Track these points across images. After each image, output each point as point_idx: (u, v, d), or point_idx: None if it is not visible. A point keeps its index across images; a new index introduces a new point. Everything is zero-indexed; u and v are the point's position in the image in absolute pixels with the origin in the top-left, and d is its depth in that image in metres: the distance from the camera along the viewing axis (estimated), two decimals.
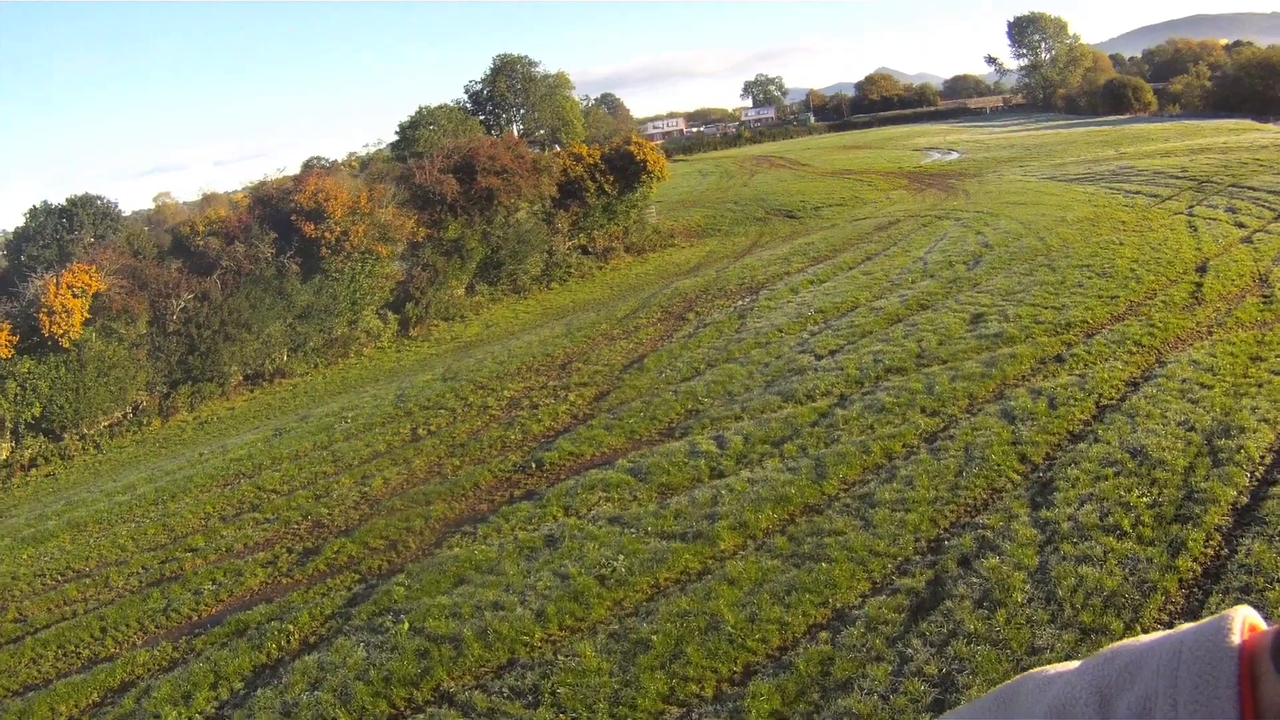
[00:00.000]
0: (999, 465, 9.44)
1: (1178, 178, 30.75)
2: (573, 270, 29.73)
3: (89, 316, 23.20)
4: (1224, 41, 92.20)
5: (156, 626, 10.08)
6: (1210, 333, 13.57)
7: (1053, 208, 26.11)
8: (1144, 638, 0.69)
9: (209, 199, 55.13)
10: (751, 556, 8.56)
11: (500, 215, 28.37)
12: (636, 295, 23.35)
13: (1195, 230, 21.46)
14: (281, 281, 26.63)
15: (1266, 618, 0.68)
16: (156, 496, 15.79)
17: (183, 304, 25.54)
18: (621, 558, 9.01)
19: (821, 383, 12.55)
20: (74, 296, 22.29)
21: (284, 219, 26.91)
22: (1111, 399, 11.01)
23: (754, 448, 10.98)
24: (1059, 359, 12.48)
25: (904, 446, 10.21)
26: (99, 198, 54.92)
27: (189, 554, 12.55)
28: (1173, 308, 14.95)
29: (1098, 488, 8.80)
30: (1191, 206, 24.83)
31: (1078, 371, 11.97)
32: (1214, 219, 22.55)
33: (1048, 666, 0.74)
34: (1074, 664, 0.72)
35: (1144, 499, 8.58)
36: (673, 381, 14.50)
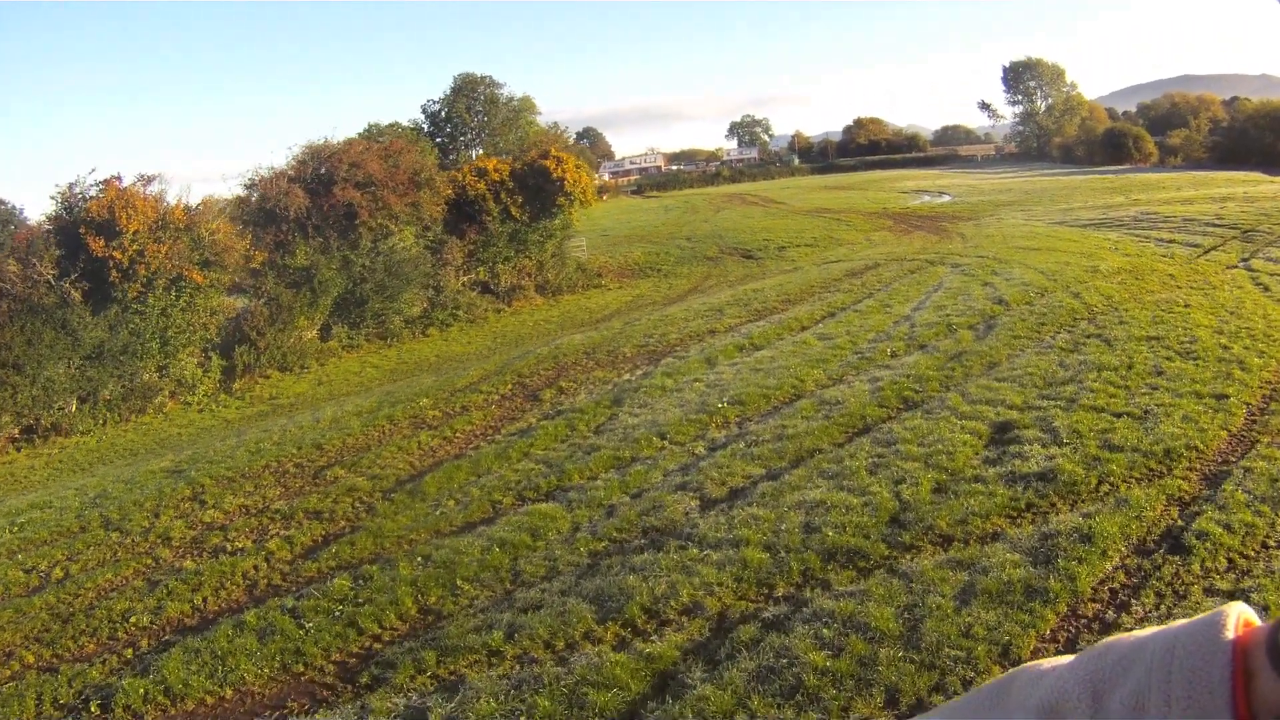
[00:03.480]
0: None
1: (1215, 226, 25.19)
2: (462, 312, 23.15)
3: None
4: (1219, 98, 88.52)
5: None
6: None
7: (1076, 255, 20.02)
8: (1137, 633, 0.66)
9: None
10: None
11: (366, 240, 21.89)
12: (510, 352, 16.88)
13: (1268, 290, 15.82)
14: (66, 312, 20.11)
15: None
16: None
17: None
18: None
19: (689, 580, 5.96)
20: None
21: (75, 233, 20.47)
22: None
23: None
24: (1175, 543, 5.99)
25: None
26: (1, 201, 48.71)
27: None
28: None
29: None
30: (1246, 259, 19.24)
31: (1219, 582, 5.52)
32: None
33: (1040, 661, 0.70)
34: (1066, 659, 0.69)
35: None
36: (444, 530, 7.92)
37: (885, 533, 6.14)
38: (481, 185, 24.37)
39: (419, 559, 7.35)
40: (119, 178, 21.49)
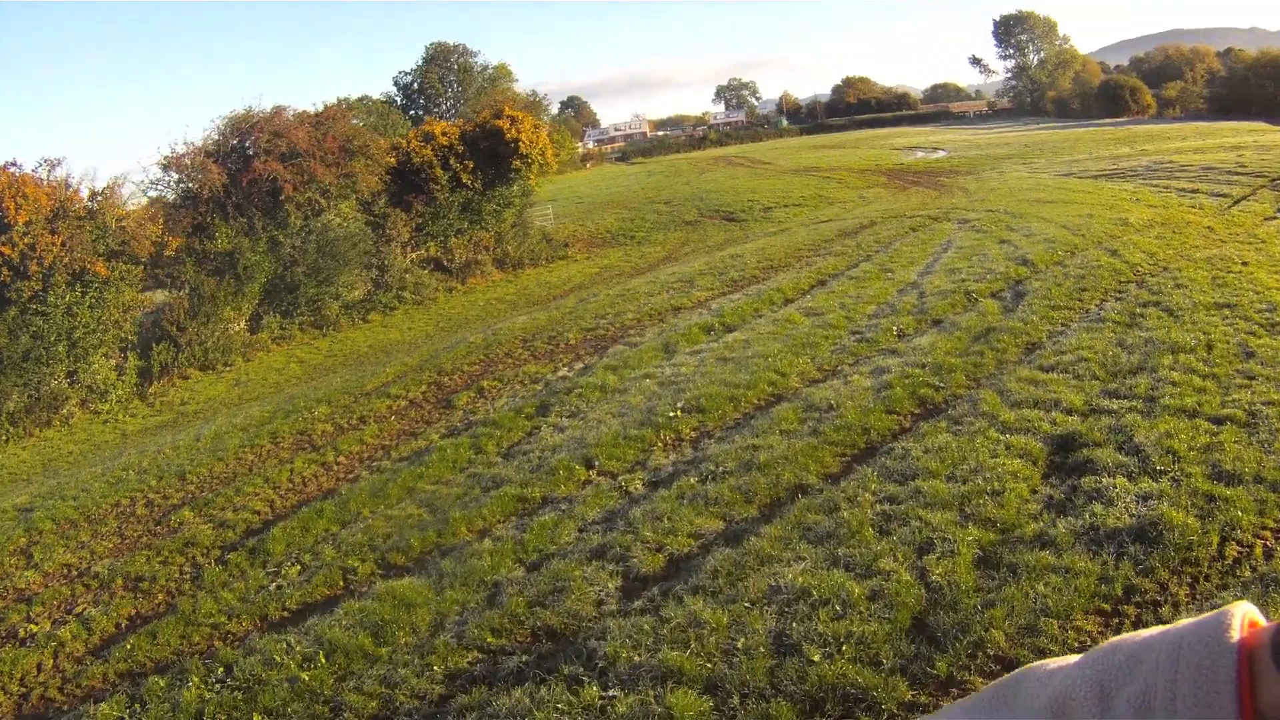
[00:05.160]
0: None
1: (1239, 174, 22.97)
2: (409, 294, 20.64)
3: None
4: (1214, 49, 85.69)
5: None
6: None
7: (1097, 207, 17.61)
8: (1144, 632, 0.66)
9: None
10: None
11: (295, 218, 19.33)
12: (444, 340, 14.46)
13: None
14: None
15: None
16: None
17: None
18: None
19: None
20: None
21: None
22: None
23: None
24: None
25: None
26: None
27: None
28: None
29: None
30: None
31: None
32: None
33: (1047, 661, 0.70)
34: (1074, 658, 0.69)
35: None
36: (271, 616, 5.56)
37: (906, 654, 3.76)
38: (427, 151, 21.75)
39: (219, 670, 4.99)
40: (15, 164, 18.84)
